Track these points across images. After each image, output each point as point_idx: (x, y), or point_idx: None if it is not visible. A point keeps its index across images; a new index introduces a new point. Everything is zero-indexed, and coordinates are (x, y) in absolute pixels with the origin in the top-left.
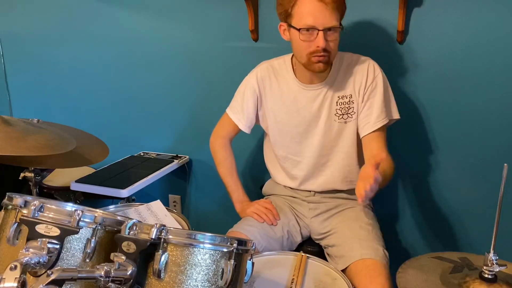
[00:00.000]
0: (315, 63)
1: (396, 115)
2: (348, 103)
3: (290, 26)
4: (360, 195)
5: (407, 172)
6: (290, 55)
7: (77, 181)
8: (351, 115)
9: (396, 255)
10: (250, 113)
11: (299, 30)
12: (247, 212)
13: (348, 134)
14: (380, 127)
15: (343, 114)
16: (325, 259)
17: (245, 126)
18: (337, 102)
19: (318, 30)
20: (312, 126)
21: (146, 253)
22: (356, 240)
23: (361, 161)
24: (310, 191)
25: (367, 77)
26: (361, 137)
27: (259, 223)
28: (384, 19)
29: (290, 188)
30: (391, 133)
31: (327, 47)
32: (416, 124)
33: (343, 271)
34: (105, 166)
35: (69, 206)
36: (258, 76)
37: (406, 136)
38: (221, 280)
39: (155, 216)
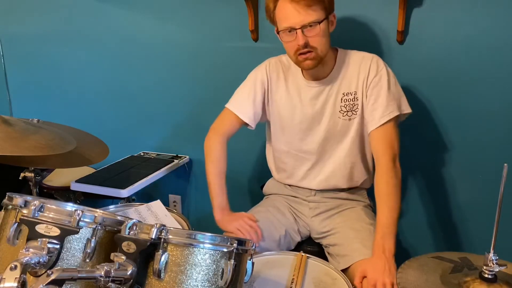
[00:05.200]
0: (303, 61)
1: (407, 109)
2: (353, 100)
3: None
4: None
5: (406, 172)
6: None
7: (77, 181)
8: (356, 111)
9: (396, 255)
10: (257, 106)
11: (280, 33)
12: (229, 227)
13: (353, 131)
14: (387, 122)
15: (347, 111)
16: (325, 259)
17: (251, 119)
18: (341, 99)
19: (296, 29)
20: (315, 124)
21: (146, 253)
22: (358, 240)
23: (364, 158)
24: (310, 189)
25: (369, 72)
26: (368, 132)
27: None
28: (384, 19)
29: (290, 186)
30: None
31: (309, 43)
32: (415, 124)
33: (344, 270)
34: (105, 166)
35: (69, 206)
36: (267, 69)
37: (404, 136)
38: (221, 280)
39: (155, 216)
